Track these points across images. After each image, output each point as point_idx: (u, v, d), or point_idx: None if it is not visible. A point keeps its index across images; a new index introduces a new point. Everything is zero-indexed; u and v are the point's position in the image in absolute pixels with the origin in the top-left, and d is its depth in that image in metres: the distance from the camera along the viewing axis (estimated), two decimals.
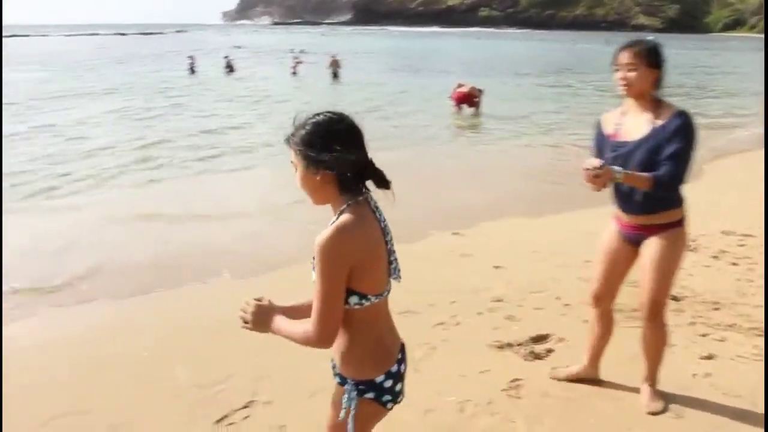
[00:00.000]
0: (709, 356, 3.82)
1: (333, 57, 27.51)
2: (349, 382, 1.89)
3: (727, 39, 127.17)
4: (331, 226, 1.74)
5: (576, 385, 3.52)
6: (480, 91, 16.72)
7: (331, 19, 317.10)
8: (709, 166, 9.73)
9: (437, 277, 5.33)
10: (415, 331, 4.20)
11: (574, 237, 6.25)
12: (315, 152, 1.75)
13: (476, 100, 16.59)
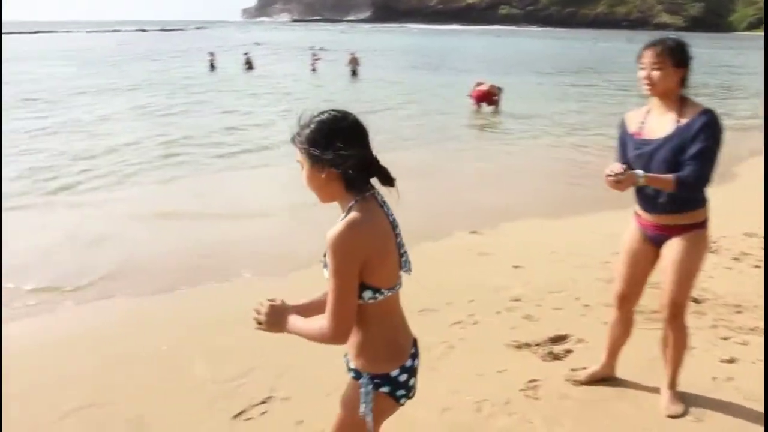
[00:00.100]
0: (731, 359, 3.77)
1: (352, 54, 27.55)
2: (365, 377, 1.89)
3: (753, 38, 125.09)
4: (341, 222, 1.75)
5: (595, 387, 3.50)
6: (499, 90, 16.67)
7: (350, 17, 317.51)
8: (736, 168, 9.60)
9: (455, 276, 5.32)
10: (433, 330, 4.21)
11: (594, 238, 6.20)
12: (319, 150, 1.77)
13: (495, 99, 16.54)
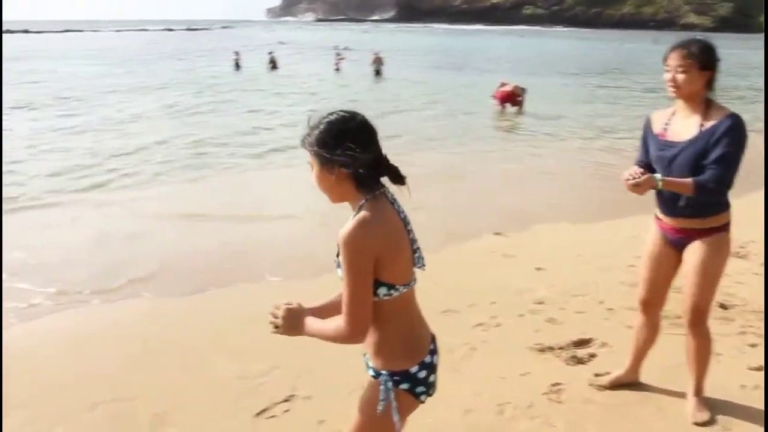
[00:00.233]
0: (759, 367, 3.70)
1: (376, 54, 27.58)
2: (384, 374, 1.88)
3: None
4: (353, 220, 1.76)
5: (619, 392, 3.46)
6: (523, 90, 16.58)
7: (374, 17, 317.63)
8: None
9: (478, 277, 5.30)
10: (456, 331, 4.20)
11: (619, 241, 6.14)
12: (329, 151, 1.78)
13: (519, 99, 16.46)
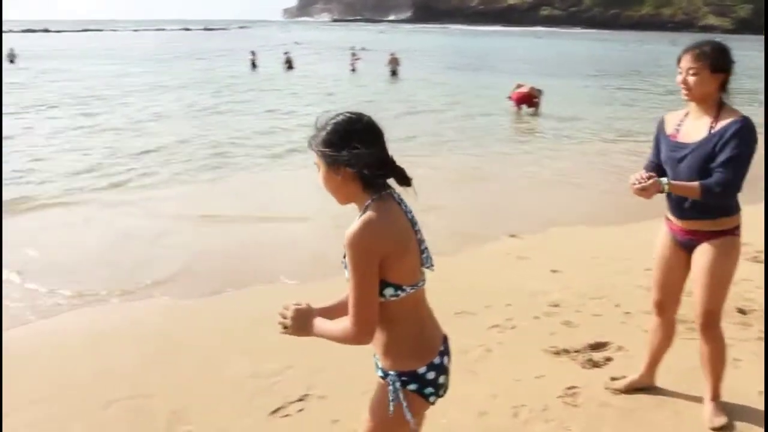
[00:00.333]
0: None
1: (392, 55, 27.60)
2: (392, 374, 1.88)
3: None
4: (358, 221, 1.76)
5: (635, 396, 3.43)
6: (540, 92, 16.51)
7: (390, 17, 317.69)
8: None
9: (493, 279, 5.28)
10: (470, 332, 4.20)
11: (636, 244, 6.06)
12: (335, 151, 1.79)
13: (536, 101, 16.39)
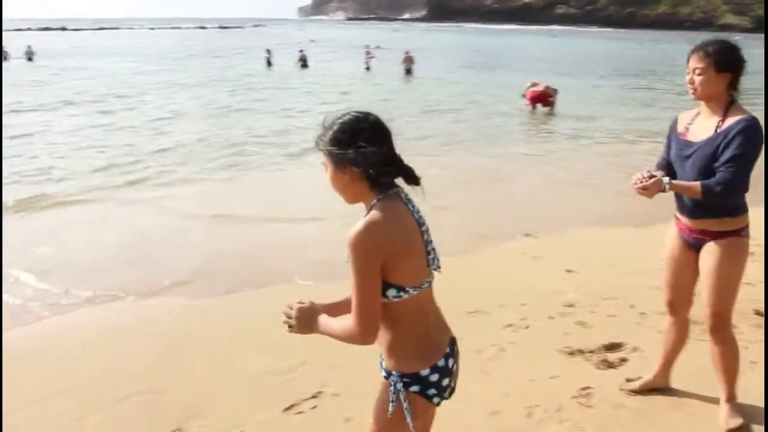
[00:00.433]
0: None
1: (407, 53, 27.60)
2: (394, 375, 1.88)
3: None
4: (361, 222, 1.75)
5: (649, 397, 3.41)
6: (555, 91, 16.43)
7: (405, 15, 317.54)
8: None
9: (508, 278, 5.27)
10: (484, 332, 4.19)
11: (652, 246, 5.96)
12: (341, 150, 1.79)
13: (551, 100, 16.33)
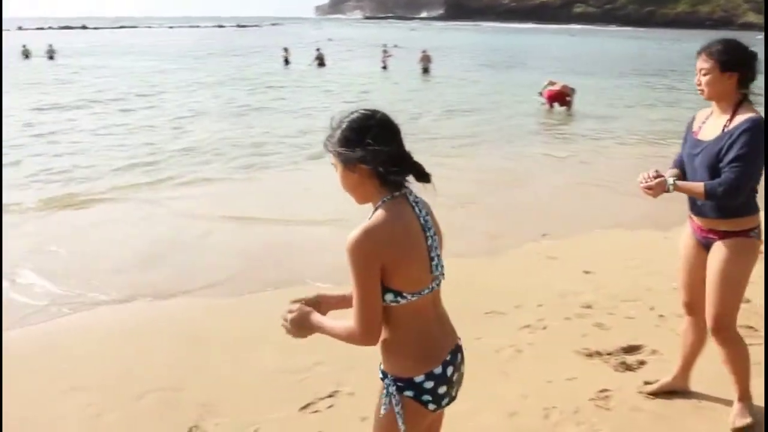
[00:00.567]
0: None
1: (424, 52, 27.52)
2: (389, 378, 1.86)
3: None
4: (359, 227, 1.74)
5: (668, 400, 3.37)
6: (572, 90, 16.31)
7: (422, 14, 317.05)
8: None
9: (525, 279, 5.25)
10: (501, 332, 4.18)
11: (672, 248, 5.89)
12: (350, 149, 1.77)
13: (568, 99, 16.18)
